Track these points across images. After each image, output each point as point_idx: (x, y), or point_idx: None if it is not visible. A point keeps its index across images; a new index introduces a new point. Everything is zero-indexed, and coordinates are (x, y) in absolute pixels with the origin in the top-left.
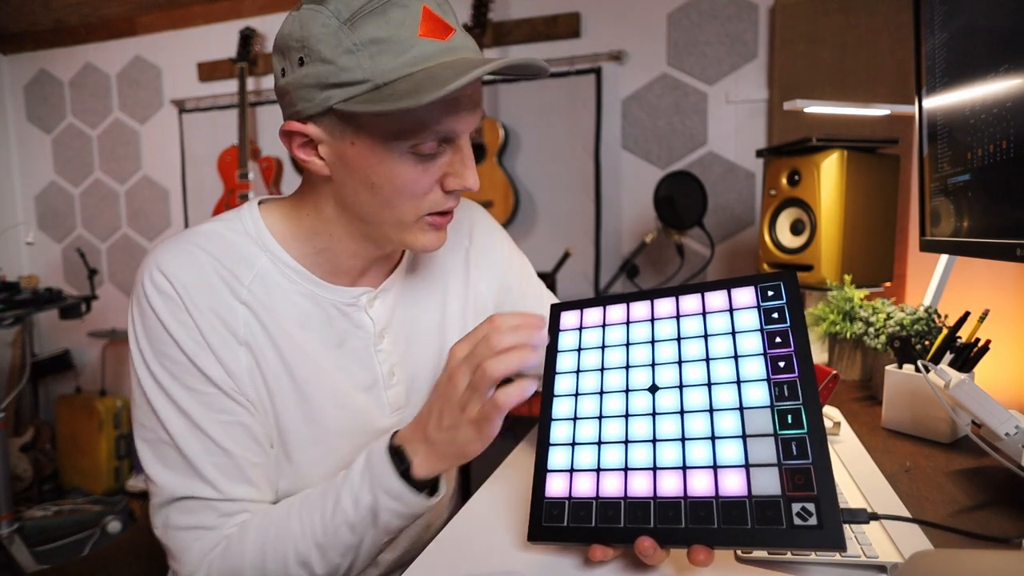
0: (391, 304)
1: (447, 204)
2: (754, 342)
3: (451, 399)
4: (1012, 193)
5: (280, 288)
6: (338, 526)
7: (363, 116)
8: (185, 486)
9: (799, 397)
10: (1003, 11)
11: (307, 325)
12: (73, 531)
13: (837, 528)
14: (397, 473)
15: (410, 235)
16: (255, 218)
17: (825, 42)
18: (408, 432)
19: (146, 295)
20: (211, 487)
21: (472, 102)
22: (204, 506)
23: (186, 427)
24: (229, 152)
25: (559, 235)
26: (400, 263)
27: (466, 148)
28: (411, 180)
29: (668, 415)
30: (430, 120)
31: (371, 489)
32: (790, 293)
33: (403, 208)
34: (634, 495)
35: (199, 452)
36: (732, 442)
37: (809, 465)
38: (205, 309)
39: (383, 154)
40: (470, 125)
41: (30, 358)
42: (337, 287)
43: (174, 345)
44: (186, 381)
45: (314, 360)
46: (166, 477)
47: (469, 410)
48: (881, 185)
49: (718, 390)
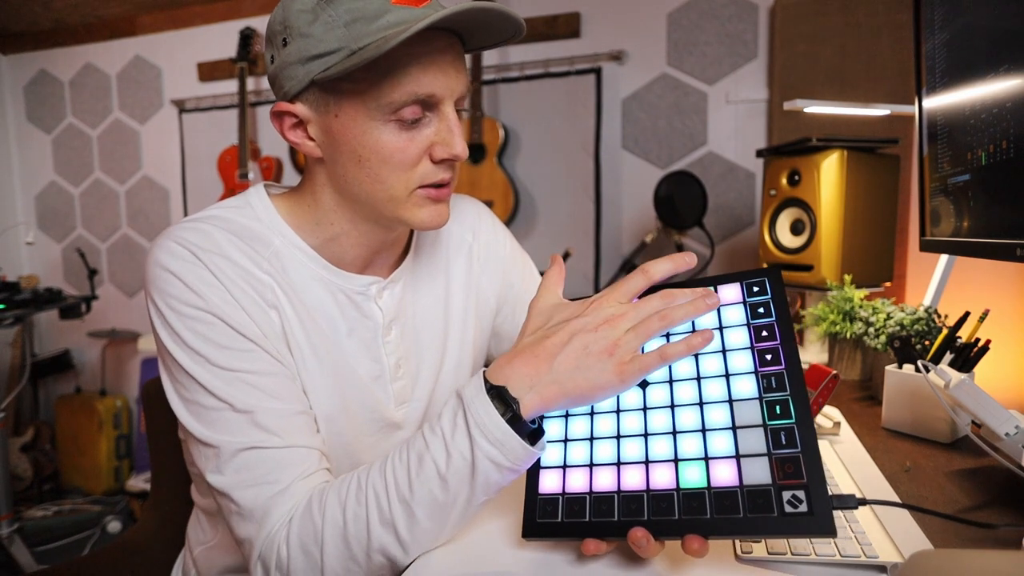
0: (399, 296)
1: (438, 175)
2: (741, 336)
3: (604, 336)
4: (1012, 193)
5: (295, 268)
6: (427, 480)
7: (343, 85)
8: (247, 438)
9: (786, 388)
10: (1003, 11)
11: (321, 308)
12: (73, 531)
13: (827, 514)
14: (500, 416)
15: (406, 211)
16: (265, 204)
17: (825, 42)
18: (514, 367)
19: (165, 265)
20: (274, 435)
21: (453, 66)
22: (271, 459)
23: (232, 385)
24: (229, 152)
25: (559, 235)
26: (407, 255)
27: (451, 116)
28: (397, 150)
29: (659, 409)
30: (405, 79)
31: (468, 435)
32: (775, 288)
33: (393, 181)
34: (627, 489)
35: (252, 405)
36: (722, 434)
37: (798, 453)
38: (231, 274)
39: (365, 123)
40: (451, 89)
41: (30, 358)
42: (348, 274)
43: (203, 304)
44: (221, 341)
45: (330, 339)
46: (223, 438)
47: (621, 353)
48: (881, 185)
49: (707, 383)
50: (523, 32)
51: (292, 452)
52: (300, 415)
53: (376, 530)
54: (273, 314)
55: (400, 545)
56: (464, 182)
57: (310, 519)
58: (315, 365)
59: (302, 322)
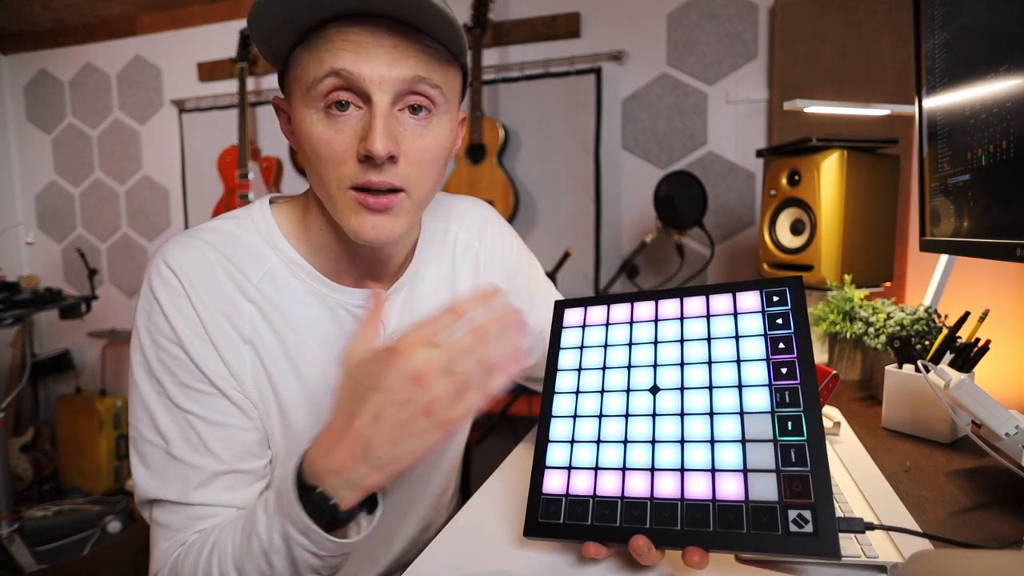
0: (400, 307)
1: (364, 176)
2: (757, 347)
3: (415, 402)
4: (1012, 193)
5: (289, 287)
6: (255, 556)
7: (289, 71)
8: (158, 488)
9: (800, 404)
10: (1003, 11)
11: (316, 326)
12: (73, 531)
13: (832, 536)
14: (311, 522)
15: (343, 215)
16: (266, 216)
17: (825, 42)
18: (330, 460)
19: (152, 288)
20: (181, 491)
21: (388, 52)
22: (175, 508)
23: (177, 425)
24: (229, 152)
25: (559, 235)
26: (410, 265)
27: (380, 110)
28: (324, 141)
29: (668, 416)
30: (327, 55)
31: (283, 534)
32: (795, 299)
33: (326, 176)
34: (631, 495)
35: (184, 451)
36: (731, 446)
37: (807, 472)
38: (210, 305)
39: (302, 111)
40: (380, 76)
41: (30, 358)
42: (346, 288)
43: (175, 338)
44: (182, 377)
45: (322, 360)
46: (143, 476)
47: (440, 410)
48: (881, 185)
49: (719, 394)
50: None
51: (196, 509)
52: (226, 475)
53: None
54: (246, 351)
55: None
56: (464, 182)
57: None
58: (301, 391)
59: (286, 348)
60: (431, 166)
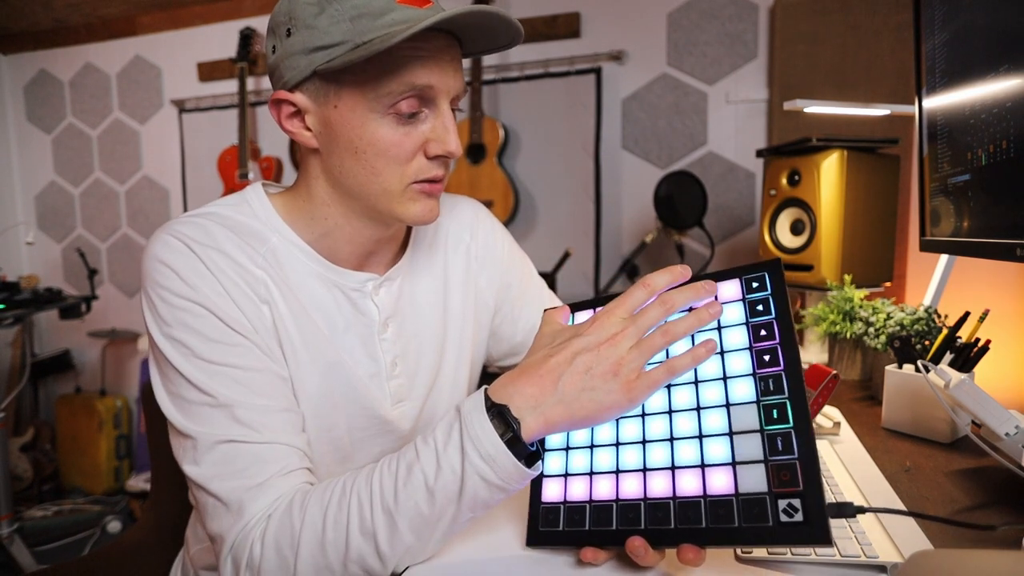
0: (396, 293)
1: (432, 171)
2: (740, 337)
3: (607, 356)
4: (1012, 193)
5: (291, 265)
6: (414, 491)
7: (344, 76)
8: (226, 431)
9: (784, 391)
10: (1003, 11)
11: (317, 302)
12: (73, 531)
13: (823, 523)
14: (498, 435)
15: (400, 205)
16: (262, 201)
17: (825, 42)
18: (518, 386)
19: (159, 257)
20: (254, 430)
21: (452, 65)
22: (250, 453)
23: (214, 379)
24: (229, 152)
25: (559, 235)
26: (404, 252)
27: (447, 114)
28: (393, 143)
29: (656, 415)
30: (405, 72)
31: (460, 449)
32: (774, 283)
33: (388, 175)
34: (625, 497)
35: (234, 399)
36: (719, 440)
37: (795, 460)
38: (224, 267)
39: (364, 115)
40: (448, 86)
41: (30, 358)
42: (344, 270)
43: (194, 296)
44: (210, 334)
45: (321, 336)
46: (202, 429)
47: (626, 372)
48: (881, 185)
49: (705, 388)
50: (520, 38)
51: (272, 448)
52: (283, 412)
53: (355, 539)
54: (265, 309)
55: (379, 557)
56: (464, 182)
57: (289, 520)
58: (307, 361)
59: (295, 318)
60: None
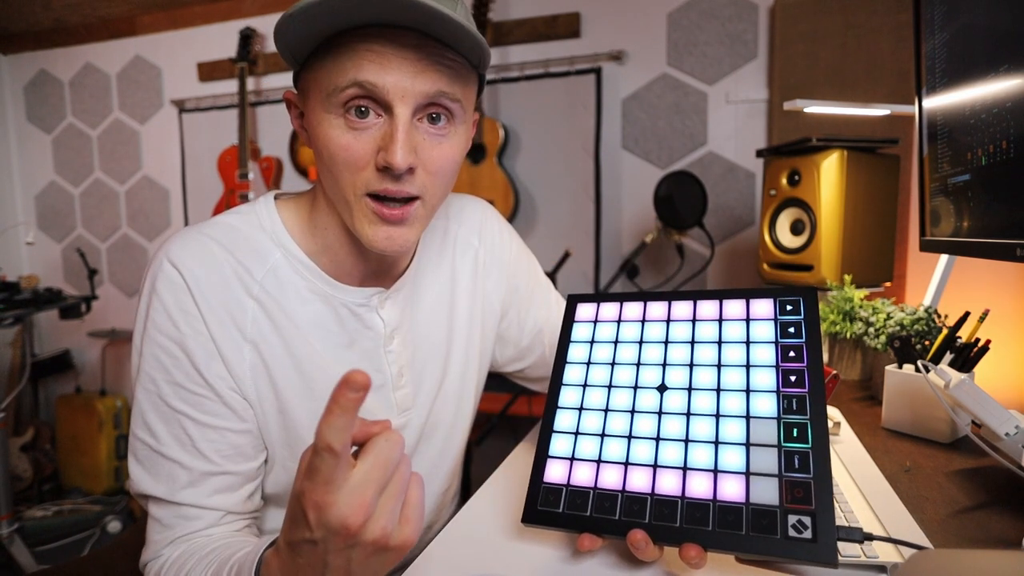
0: (401, 305)
1: (382, 184)
2: (767, 353)
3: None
4: (1012, 193)
5: (292, 284)
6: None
7: (308, 73)
8: (150, 484)
9: (807, 412)
10: (1003, 11)
11: (318, 323)
12: (73, 531)
13: (831, 544)
14: None
15: (358, 221)
16: (271, 212)
17: (825, 42)
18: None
19: (154, 286)
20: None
21: (416, 65)
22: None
23: (168, 425)
24: (229, 152)
25: (559, 235)
26: (411, 264)
27: (401, 122)
28: (341, 147)
29: (674, 415)
30: (351, 68)
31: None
32: (809, 310)
33: (343, 182)
34: (632, 490)
35: (173, 450)
36: (735, 448)
37: (810, 479)
38: (214, 302)
39: (321, 115)
40: (403, 88)
41: (30, 358)
42: (348, 287)
43: (175, 335)
44: (176, 376)
45: (324, 357)
46: (136, 469)
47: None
48: (881, 185)
49: (726, 396)
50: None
51: (187, 510)
52: (215, 476)
53: None
54: (247, 350)
55: None
56: (464, 182)
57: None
58: (300, 388)
59: (287, 345)
60: (447, 174)
